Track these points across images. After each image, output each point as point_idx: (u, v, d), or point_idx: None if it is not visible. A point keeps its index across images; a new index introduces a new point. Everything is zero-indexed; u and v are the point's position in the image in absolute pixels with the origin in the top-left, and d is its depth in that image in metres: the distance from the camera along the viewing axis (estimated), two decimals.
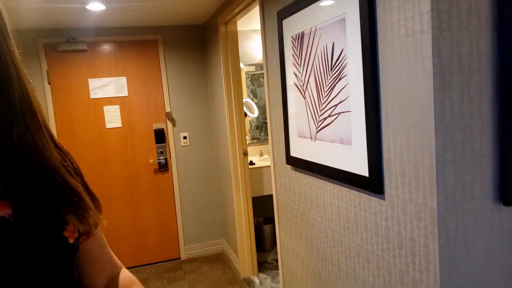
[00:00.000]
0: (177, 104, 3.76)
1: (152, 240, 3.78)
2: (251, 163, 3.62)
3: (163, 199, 3.80)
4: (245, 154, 3.30)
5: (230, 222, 3.61)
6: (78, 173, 0.75)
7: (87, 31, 3.45)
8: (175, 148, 3.78)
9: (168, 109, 3.74)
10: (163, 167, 3.75)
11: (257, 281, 3.29)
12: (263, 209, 4.10)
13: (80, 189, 0.69)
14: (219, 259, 3.82)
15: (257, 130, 4.17)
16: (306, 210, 1.91)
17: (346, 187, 1.52)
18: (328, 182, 1.67)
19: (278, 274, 3.36)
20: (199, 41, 3.77)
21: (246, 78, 4.04)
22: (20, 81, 0.62)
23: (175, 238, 3.85)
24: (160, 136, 3.73)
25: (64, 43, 3.39)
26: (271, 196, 4.31)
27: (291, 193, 2.07)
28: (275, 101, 2.15)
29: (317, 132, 1.67)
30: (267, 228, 3.84)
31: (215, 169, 3.90)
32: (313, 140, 1.71)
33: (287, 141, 1.98)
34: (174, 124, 3.77)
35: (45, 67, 3.43)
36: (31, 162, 0.63)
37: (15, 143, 0.61)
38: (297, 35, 1.75)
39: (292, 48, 1.82)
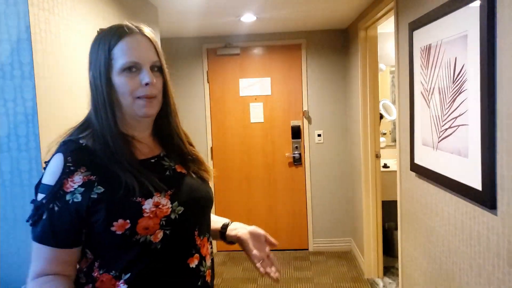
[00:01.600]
0: (314, 103, 3.98)
1: (284, 227, 4.11)
2: (386, 166, 3.62)
3: (296, 190, 4.08)
4: (378, 156, 3.33)
5: (358, 222, 3.69)
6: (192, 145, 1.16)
7: (240, 37, 3.92)
8: (309, 144, 4.01)
9: (305, 108, 3.99)
10: (297, 161, 4.02)
11: (380, 283, 3.31)
12: (396, 214, 4.04)
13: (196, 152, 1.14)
14: (345, 256, 3.94)
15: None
16: (427, 218, 1.92)
17: (463, 199, 1.52)
18: (447, 192, 1.67)
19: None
20: (339, 45, 3.91)
21: (392, 78, 4.01)
22: (170, 91, 1.03)
23: (304, 229, 4.11)
24: (296, 132, 4.01)
25: (222, 48, 3.93)
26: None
27: (414, 200, 2.09)
28: (404, 107, 2.18)
29: (438, 142, 1.69)
30: (397, 234, 3.78)
31: (347, 168, 4.01)
32: (435, 149, 1.73)
33: (412, 148, 2.01)
34: (309, 122, 4.00)
35: (205, 68, 4.03)
36: (176, 136, 1.07)
37: (172, 127, 1.06)
38: (425, 47, 1.78)
39: (420, 58, 1.84)
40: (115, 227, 0.87)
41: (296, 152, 4.03)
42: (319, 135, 4.01)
